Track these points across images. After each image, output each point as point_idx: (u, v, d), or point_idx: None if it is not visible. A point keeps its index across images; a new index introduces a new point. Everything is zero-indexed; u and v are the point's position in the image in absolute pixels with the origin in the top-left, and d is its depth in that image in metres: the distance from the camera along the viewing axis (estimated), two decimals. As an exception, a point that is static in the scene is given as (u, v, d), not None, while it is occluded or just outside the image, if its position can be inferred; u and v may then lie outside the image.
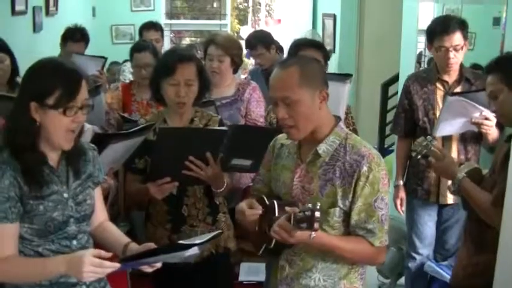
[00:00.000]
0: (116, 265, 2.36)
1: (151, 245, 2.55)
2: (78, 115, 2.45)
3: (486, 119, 3.80)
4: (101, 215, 2.78)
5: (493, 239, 2.86)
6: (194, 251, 2.48)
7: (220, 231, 3.04)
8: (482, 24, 5.35)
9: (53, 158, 2.52)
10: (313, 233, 2.36)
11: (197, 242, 2.49)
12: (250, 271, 4.02)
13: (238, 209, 2.77)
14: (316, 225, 2.32)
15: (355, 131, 3.87)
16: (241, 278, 3.99)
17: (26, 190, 2.41)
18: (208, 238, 2.56)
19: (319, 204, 2.33)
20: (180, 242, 2.51)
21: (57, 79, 2.41)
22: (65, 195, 2.52)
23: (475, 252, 3.18)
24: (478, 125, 3.87)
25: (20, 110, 2.43)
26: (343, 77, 3.87)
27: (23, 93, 2.47)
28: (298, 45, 4.02)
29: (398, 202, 4.49)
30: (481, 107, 3.83)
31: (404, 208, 4.55)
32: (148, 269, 2.49)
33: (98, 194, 2.74)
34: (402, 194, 4.50)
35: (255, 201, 2.74)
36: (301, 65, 2.62)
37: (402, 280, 5.04)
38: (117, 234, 2.76)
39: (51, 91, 2.39)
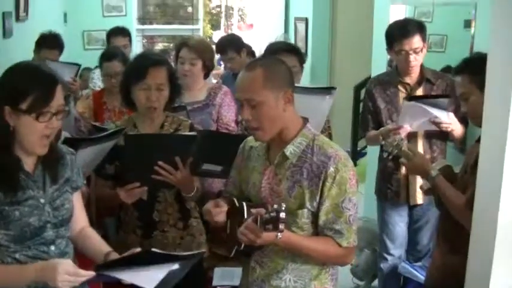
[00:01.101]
0: (91, 273, 2.36)
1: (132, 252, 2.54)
2: (52, 121, 2.42)
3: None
4: (81, 220, 2.76)
5: (465, 239, 2.88)
6: (171, 267, 2.45)
7: (203, 250, 3.01)
8: (454, 26, 5.38)
9: (28, 162, 2.50)
10: (279, 234, 2.38)
11: (176, 254, 2.50)
12: (224, 276, 4.00)
13: (205, 209, 2.79)
14: (281, 226, 2.34)
15: (329, 135, 3.91)
16: (215, 282, 3.97)
17: (0, 196, 2.40)
18: (189, 254, 2.57)
19: (284, 206, 2.35)
20: (158, 250, 2.49)
21: (31, 83, 2.39)
22: (42, 200, 2.50)
23: (448, 252, 3.20)
24: (437, 124, 3.98)
25: None
26: (327, 90, 3.88)
27: None
28: (274, 50, 4.04)
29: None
30: (435, 112, 3.94)
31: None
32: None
33: (77, 198, 2.72)
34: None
35: (220, 200, 2.78)
36: (266, 67, 2.64)
37: (376, 282, 5.06)
38: (98, 243, 2.74)
39: (24, 95, 2.37)
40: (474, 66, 3.10)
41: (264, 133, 2.65)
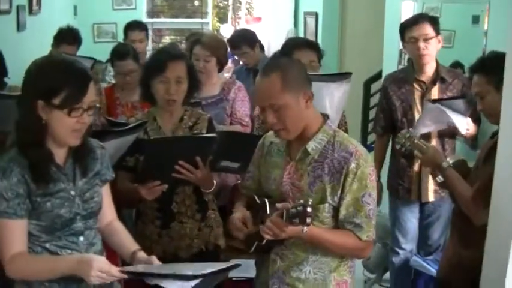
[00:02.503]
0: (123, 275, 2.42)
1: (156, 262, 2.58)
2: (83, 116, 2.46)
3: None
4: (109, 213, 2.80)
5: (476, 232, 2.93)
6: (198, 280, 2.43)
7: (238, 263, 2.98)
8: (462, 22, 5.41)
9: (59, 155, 2.55)
10: (305, 227, 2.46)
11: (206, 272, 2.45)
12: (240, 268, 4.04)
13: (231, 221, 2.84)
14: (308, 220, 2.41)
15: (346, 131, 3.93)
16: (230, 274, 4.00)
17: (33, 187, 2.44)
18: (219, 269, 2.57)
19: (311, 200, 2.44)
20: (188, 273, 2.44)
21: (65, 79, 2.42)
22: (72, 192, 2.55)
23: (460, 245, 3.25)
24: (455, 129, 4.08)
25: (27, 107, 2.45)
26: (343, 75, 3.87)
27: (29, 90, 2.47)
28: (293, 46, 4.04)
29: None
30: (455, 118, 4.01)
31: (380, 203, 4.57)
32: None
33: (106, 192, 2.76)
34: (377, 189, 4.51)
35: (248, 215, 2.81)
36: (282, 70, 2.68)
37: (387, 275, 5.11)
38: (126, 240, 2.79)
39: (58, 91, 2.40)
40: (490, 66, 3.15)
41: (288, 133, 2.71)
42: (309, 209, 2.40)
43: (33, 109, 2.42)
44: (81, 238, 2.58)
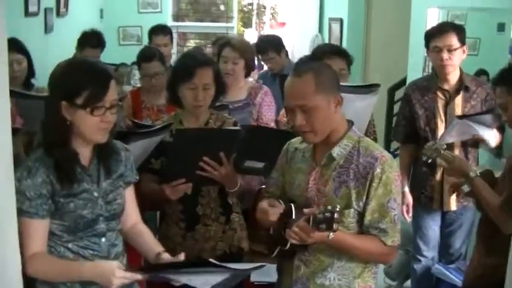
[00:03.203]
0: (145, 277, 2.47)
1: (180, 259, 2.60)
2: (106, 115, 2.50)
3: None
4: (133, 215, 2.84)
5: (502, 241, 2.92)
6: (221, 277, 2.46)
7: (263, 263, 2.96)
8: (487, 30, 5.41)
9: (84, 156, 2.58)
10: (331, 233, 2.45)
11: (230, 266, 2.48)
12: (262, 272, 3.99)
13: (260, 208, 2.84)
14: (335, 226, 2.42)
15: (375, 139, 3.97)
16: (252, 278, 4.01)
17: (57, 187, 2.48)
18: (247, 268, 2.64)
19: (338, 206, 2.44)
20: (210, 260, 2.49)
21: (86, 79, 2.46)
22: (95, 193, 2.58)
23: (485, 254, 3.26)
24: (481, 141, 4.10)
25: (52, 108, 2.50)
26: (371, 87, 3.84)
27: (53, 92, 2.53)
28: (323, 53, 4.04)
29: (404, 208, 4.54)
30: (482, 131, 4.02)
31: (410, 214, 4.60)
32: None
33: (129, 194, 2.79)
34: (408, 200, 4.54)
35: (275, 200, 2.83)
36: (316, 72, 2.69)
37: (408, 283, 5.10)
38: (151, 242, 2.81)
39: (80, 91, 2.44)
40: (509, 78, 3.17)
41: (315, 136, 2.72)
42: (336, 215, 2.41)
43: (57, 110, 2.47)
44: (103, 239, 2.61)
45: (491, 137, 4.04)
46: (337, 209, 2.42)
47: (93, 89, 2.46)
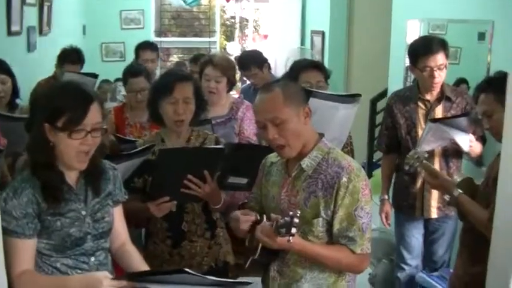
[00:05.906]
0: (130, 284, 2.44)
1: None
2: (87, 138, 2.50)
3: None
4: (122, 234, 2.85)
5: (487, 250, 2.96)
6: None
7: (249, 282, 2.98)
8: (467, 39, 5.44)
9: (71, 176, 2.60)
10: (290, 237, 2.48)
11: (209, 277, 2.52)
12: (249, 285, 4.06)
13: (232, 217, 2.89)
14: (293, 230, 2.45)
15: (351, 151, 3.99)
16: (238, 291, 4.03)
17: (44, 207, 2.50)
18: (226, 281, 2.63)
19: (299, 212, 2.49)
20: (192, 272, 2.52)
21: (66, 102, 2.48)
22: (83, 212, 2.60)
23: (469, 262, 3.28)
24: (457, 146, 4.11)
25: (36, 129, 2.51)
26: (352, 97, 3.80)
27: (36, 114, 2.55)
28: (299, 68, 4.05)
29: (383, 216, 4.62)
30: (457, 136, 4.05)
31: (390, 221, 4.67)
32: None
33: (118, 213, 2.81)
34: (387, 208, 4.62)
35: (248, 210, 2.89)
36: (283, 86, 2.79)
37: (394, 292, 5.13)
38: (138, 262, 2.83)
39: (60, 113, 2.46)
40: (497, 85, 3.19)
41: (290, 149, 2.77)
42: (295, 220, 2.45)
43: (41, 131, 2.49)
44: (92, 258, 2.63)
45: (465, 141, 4.07)
46: (298, 214, 2.46)
47: (72, 113, 2.46)
